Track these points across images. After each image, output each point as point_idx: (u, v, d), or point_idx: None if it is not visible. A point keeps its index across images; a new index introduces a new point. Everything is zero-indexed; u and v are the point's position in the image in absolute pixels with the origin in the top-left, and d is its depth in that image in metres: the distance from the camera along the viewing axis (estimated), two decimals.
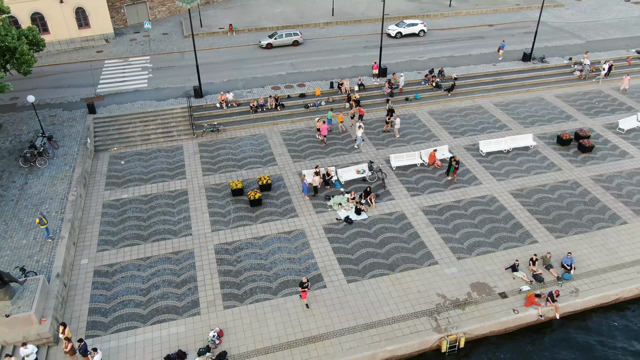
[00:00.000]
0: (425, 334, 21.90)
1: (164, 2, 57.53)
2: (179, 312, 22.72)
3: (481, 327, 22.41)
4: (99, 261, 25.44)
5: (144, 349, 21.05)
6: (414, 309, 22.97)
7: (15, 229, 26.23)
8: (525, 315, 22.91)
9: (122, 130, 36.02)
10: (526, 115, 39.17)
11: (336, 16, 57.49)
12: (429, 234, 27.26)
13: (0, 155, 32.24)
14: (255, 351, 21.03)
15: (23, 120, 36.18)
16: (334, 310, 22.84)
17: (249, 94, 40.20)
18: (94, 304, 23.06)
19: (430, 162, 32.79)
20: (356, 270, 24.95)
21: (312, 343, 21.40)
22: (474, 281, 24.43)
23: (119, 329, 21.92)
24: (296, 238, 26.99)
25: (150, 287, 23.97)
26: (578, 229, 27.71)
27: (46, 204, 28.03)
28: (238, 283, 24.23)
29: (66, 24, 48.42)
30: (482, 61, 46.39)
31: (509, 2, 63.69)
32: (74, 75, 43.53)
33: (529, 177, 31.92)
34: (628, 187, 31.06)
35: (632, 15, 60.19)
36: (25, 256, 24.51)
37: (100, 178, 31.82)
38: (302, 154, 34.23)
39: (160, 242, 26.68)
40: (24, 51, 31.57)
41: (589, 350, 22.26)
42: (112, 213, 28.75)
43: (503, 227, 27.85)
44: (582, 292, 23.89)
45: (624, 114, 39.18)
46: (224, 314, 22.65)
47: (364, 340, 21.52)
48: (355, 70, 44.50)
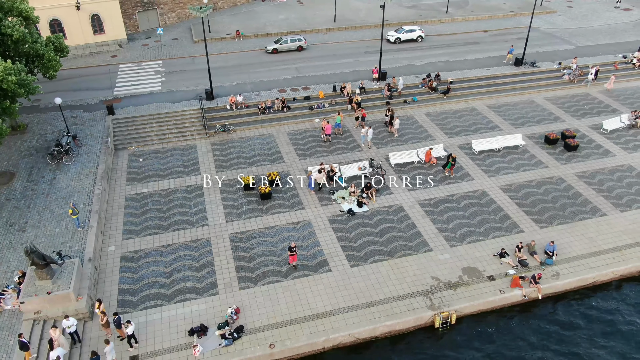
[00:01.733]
0: (420, 311, 24.46)
1: (174, 8, 60.22)
2: (199, 292, 25.28)
3: (471, 306, 24.97)
4: (124, 248, 28.01)
5: (170, 324, 23.60)
6: (411, 290, 25.53)
7: (48, 219, 28.80)
8: (511, 295, 25.48)
9: (139, 130, 38.60)
10: (517, 117, 41.80)
11: (338, 22, 60.19)
12: (424, 225, 29.85)
13: (29, 153, 34.82)
14: (269, 326, 23.58)
15: (47, 120, 38.76)
16: (338, 291, 25.40)
17: (257, 96, 42.83)
18: (123, 285, 25.62)
19: (427, 159, 35.38)
20: (358, 256, 27.52)
21: (319, 319, 23.96)
22: (465, 266, 27.00)
23: (146, 306, 24.47)
24: (303, 228, 29.57)
25: (172, 270, 26.53)
26: (561, 220, 30.31)
27: (74, 197, 30.60)
28: (252, 267, 26.80)
29: (82, 29, 51.07)
30: (477, 66, 49.04)
31: (504, 8, 66.41)
32: (90, 78, 46.13)
33: (518, 174, 34.52)
34: (609, 183, 33.65)
35: (621, 21, 62.88)
36: (59, 243, 27.08)
37: (121, 174, 34.40)
38: (308, 152, 36.82)
39: (180, 231, 29.24)
40: (51, 57, 34.15)
41: (567, 326, 24.78)
42: (134, 205, 31.33)
43: (492, 218, 30.45)
44: (562, 276, 26.46)
45: (609, 115, 41.80)
46: (240, 294, 25.21)
47: (365, 317, 24.07)
48: (357, 74, 47.12)
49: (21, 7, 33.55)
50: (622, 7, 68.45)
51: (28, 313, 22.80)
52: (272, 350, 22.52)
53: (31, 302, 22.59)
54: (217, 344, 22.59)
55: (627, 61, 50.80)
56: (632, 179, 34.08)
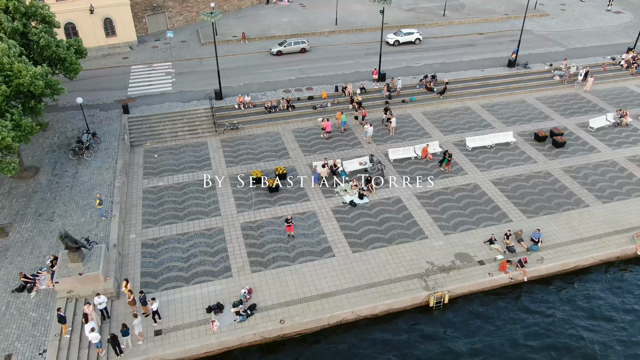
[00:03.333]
0: (416, 291, 26.92)
1: (181, 12, 62.63)
2: (214, 274, 27.72)
3: (462, 287, 27.43)
4: (144, 236, 30.45)
5: (189, 302, 26.04)
6: (407, 273, 27.99)
7: (73, 210, 31.24)
8: (499, 278, 27.95)
9: (153, 128, 41.04)
10: (509, 116, 44.27)
11: (339, 25, 62.63)
12: (420, 215, 32.30)
13: (51, 150, 37.25)
14: (279, 304, 26.03)
15: (66, 119, 41.18)
16: (342, 274, 27.85)
17: (263, 96, 45.27)
18: (145, 269, 28.06)
19: (423, 155, 37.83)
20: (359, 243, 29.97)
21: (324, 298, 26.41)
22: (457, 252, 29.46)
23: (166, 287, 26.91)
24: (309, 218, 32.02)
25: (189, 256, 28.97)
26: (547, 211, 32.77)
27: (96, 189, 33.03)
28: (262, 253, 29.25)
29: (95, 32, 53.48)
30: (472, 67, 51.46)
31: (499, 12, 68.86)
32: (104, 79, 48.53)
33: (508, 169, 36.98)
34: (593, 177, 36.12)
35: (611, 24, 65.36)
36: (85, 231, 29.52)
37: (138, 169, 36.83)
38: (312, 149, 39.27)
39: (194, 221, 31.68)
40: (72, 60, 36.53)
41: (549, 304, 27.23)
42: (151, 197, 33.76)
43: (484, 209, 32.91)
44: (546, 260, 28.93)
45: (596, 114, 44.27)
46: (252, 276, 27.66)
47: (366, 296, 26.53)
48: (358, 75, 49.55)
49: (44, 12, 35.91)
50: (613, 10, 70.90)
51: (61, 292, 25.23)
52: (282, 325, 24.98)
53: (64, 282, 25.03)
54: (232, 320, 25.05)
55: (615, 63, 53.23)
56: (614, 173, 36.54)
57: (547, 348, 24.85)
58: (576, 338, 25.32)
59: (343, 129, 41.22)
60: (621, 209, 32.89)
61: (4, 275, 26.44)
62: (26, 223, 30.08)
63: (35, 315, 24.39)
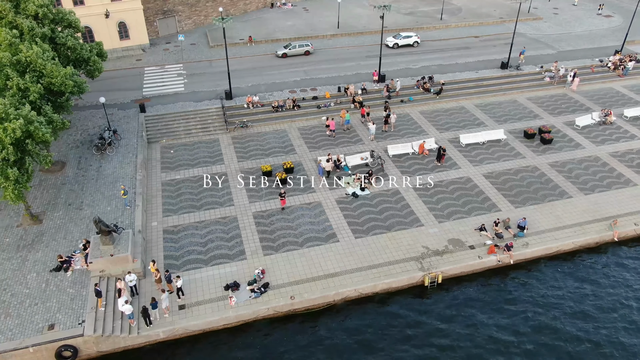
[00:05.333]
0: (412, 272, 29.87)
1: (190, 15, 65.59)
2: (230, 257, 30.67)
3: (454, 268, 30.39)
4: (165, 223, 33.38)
5: (208, 281, 28.98)
6: (405, 256, 30.94)
7: (99, 200, 34.18)
8: (487, 260, 30.91)
9: (168, 125, 43.97)
10: (501, 115, 47.24)
11: (341, 28, 65.59)
12: (417, 205, 35.25)
13: (75, 145, 40.17)
14: (289, 283, 28.98)
15: (87, 117, 44.11)
16: (345, 257, 30.80)
17: (270, 96, 48.22)
18: (167, 252, 31.00)
19: (420, 151, 40.77)
20: (361, 230, 32.91)
21: (330, 278, 29.35)
22: (450, 237, 32.41)
23: (187, 268, 29.84)
24: (315, 207, 34.96)
25: (207, 241, 31.90)
26: (533, 201, 35.72)
27: (119, 182, 35.95)
28: (273, 239, 32.18)
29: (110, 36, 56.37)
30: (467, 69, 54.42)
31: (494, 15, 71.83)
32: (120, 80, 51.45)
33: (499, 163, 39.93)
34: (577, 171, 39.08)
35: (601, 27, 68.34)
36: (112, 218, 32.43)
37: (155, 163, 39.76)
38: (317, 145, 42.21)
39: (210, 210, 34.61)
40: (95, 61, 39.44)
41: (531, 285, 30.18)
42: (169, 189, 36.69)
43: (475, 199, 35.87)
44: (531, 245, 31.89)
45: (582, 113, 47.24)
46: (264, 259, 30.60)
47: (367, 276, 29.48)
48: (359, 76, 52.50)
49: (70, 18, 38.82)
50: (603, 14, 73.89)
51: (94, 271, 28.17)
52: (292, 301, 27.93)
53: (97, 262, 27.98)
54: (248, 296, 27.99)
55: (602, 65, 56.19)
56: (597, 167, 39.51)
57: (523, 318, 27.80)
58: (548, 307, 28.28)
59: (347, 127, 44.13)
60: (601, 200, 35.85)
61: (42, 257, 29.38)
62: (58, 211, 33.02)
63: (73, 292, 27.32)
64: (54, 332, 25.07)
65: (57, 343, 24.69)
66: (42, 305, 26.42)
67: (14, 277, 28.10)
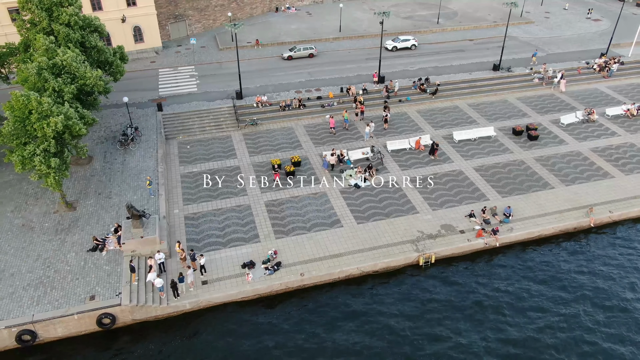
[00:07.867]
0: (408, 253, 33.50)
1: (200, 19, 69.22)
2: (245, 240, 34.29)
3: (446, 250, 34.02)
4: (186, 211, 37.00)
5: (227, 261, 32.60)
6: (402, 239, 34.57)
7: (126, 190, 37.79)
8: (475, 243, 34.54)
9: (184, 123, 47.58)
10: (492, 113, 50.88)
11: (343, 32, 69.21)
12: (413, 195, 38.89)
13: (100, 141, 43.78)
14: (299, 262, 32.61)
15: (109, 115, 47.71)
16: (348, 240, 34.42)
17: (278, 96, 51.84)
18: (189, 236, 34.62)
19: (416, 146, 44.41)
20: (363, 217, 36.55)
21: (335, 258, 32.98)
22: (442, 223, 36.04)
23: (208, 250, 33.45)
24: (321, 197, 38.58)
25: (224, 226, 35.52)
26: (519, 192, 39.36)
27: (143, 174, 39.56)
28: (283, 224, 35.81)
29: (125, 39, 59.91)
30: (461, 70, 58.04)
31: (488, 19, 75.45)
32: (137, 81, 54.99)
33: (488, 158, 43.58)
34: (560, 164, 42.72)
35: (590, 31, 71.98)
36: (139, 206, 36.02)
37: (174, 158, 43.38)
38: (321, 141, 45.84)
39: (226, 199, 38.23)
40: (118, 64, 43.05)
41: (515, 266, 33.80)
42: (188, 181, 40.30)
43: (466, 190, 39.50)
44: (515, 230, 35.54)
45: (567, 112, 50.88)
46: (276, 242, 34.23)
47: (368, 257, 33.11)
48: (360, 77, 56.11)
49: (96, 23, 42.40)
50: (592, 18, 77.52)
51: (127, 251, 31.78)
52: (302, 277, 31.56)
53: (129, 243, 31.60)
54: (262, 274, 31.61)
55: (589, 67, 59.80)
56: (578, 161, 43.15)
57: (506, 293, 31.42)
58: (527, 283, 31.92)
59: (347, 125, 47.67)
60: (581, 191, 39.50)
61: (79, 239, 33.01)
62: (89, 200, 36.63)
63: (108, 268, 30.95)
64: (95, 302, 28.70)
65: (98, 311, 28.32)
66: (82, 280, 30.06)
67: (55, 256, 31.74)
